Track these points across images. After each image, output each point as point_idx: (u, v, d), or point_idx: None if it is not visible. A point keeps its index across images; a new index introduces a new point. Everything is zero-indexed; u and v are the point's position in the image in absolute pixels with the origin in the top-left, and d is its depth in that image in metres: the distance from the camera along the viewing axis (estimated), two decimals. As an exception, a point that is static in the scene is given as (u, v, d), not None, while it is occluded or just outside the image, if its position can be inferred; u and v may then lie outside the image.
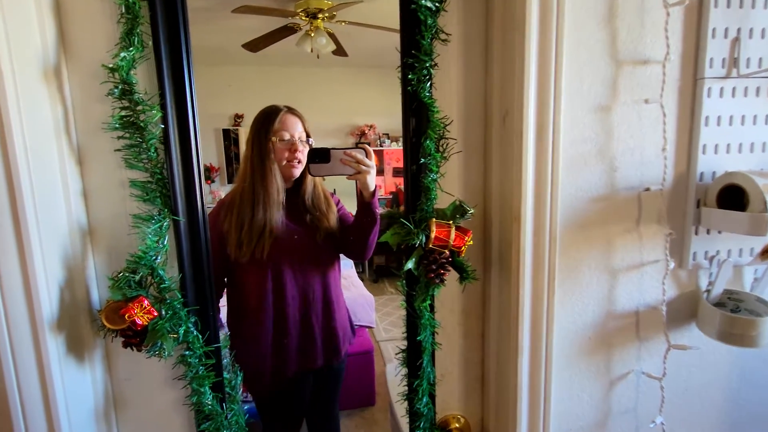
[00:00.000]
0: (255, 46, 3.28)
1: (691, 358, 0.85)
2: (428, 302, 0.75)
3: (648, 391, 0.85)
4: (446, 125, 0.73)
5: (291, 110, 1.33)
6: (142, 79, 0.69)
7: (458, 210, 0.72)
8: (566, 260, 0.77)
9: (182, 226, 0.72)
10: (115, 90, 0.66)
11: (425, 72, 0.71)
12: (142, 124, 0.67)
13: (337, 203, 1.46)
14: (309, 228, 1.33)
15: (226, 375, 0.80)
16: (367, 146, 0.97)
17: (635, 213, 0.78)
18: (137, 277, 0.68)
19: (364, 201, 1.23)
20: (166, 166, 0.70)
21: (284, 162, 1.29)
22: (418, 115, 0.73)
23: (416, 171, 0.75)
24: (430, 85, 0.72)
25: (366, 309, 2.72)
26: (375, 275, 4.76)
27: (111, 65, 0.64)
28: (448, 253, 0.72)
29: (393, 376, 1.78)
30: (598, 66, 0.72)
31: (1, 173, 0.62)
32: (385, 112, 5.05)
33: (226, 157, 4.87)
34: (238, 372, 0.84)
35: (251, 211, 1.27)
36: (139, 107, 0.67)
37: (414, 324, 0.77)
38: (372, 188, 1.17)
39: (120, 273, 0.67)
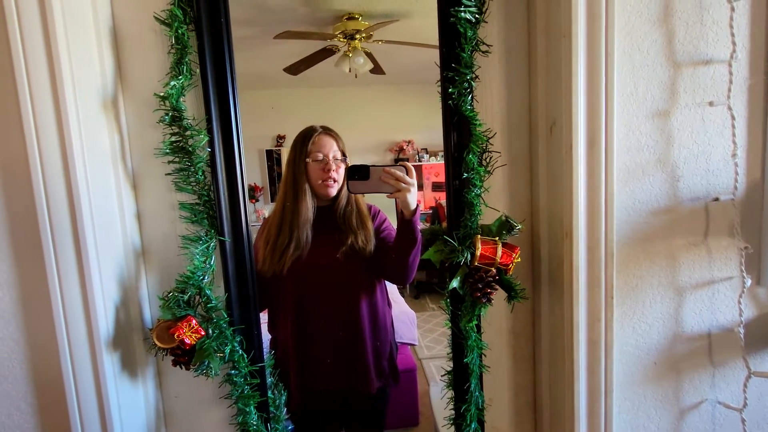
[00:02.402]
0: (296, 69, 3.40)
1: (776, 388, 0.76)
2: (474, 322, 0.72)
3: (726, 423, 0.76)
4: (489, 138, 0.71)
5: (326, 131, 1.35)
6: (191, 105, 0.72)
7: (504, 226, 0.69)
8: (625, 277, 0.71)
9: (228, 246, 0.73)
10: (166, 117, 0.69)
11: (466, 85, 0.69)
12: (190, 149, 0.70)
13: (383, 221, 1.44)
14: (335, 246, 1.32)
15: (270, 395, 0.80)
16: (407, 163, 0.95)
17: (702, 225, 0.71)
18: (186, 297, 0.69)
19: (405, 219, 1.20)
20: (213, 188, 0.72)
21: (319, 182, 1.31)
22: (459, 128, 0.71)
23: (459, 186, 0.72)
24: (472, 98, 0.70)
25: (408, 326, 2.67)
26: (416, 291, 4.69)
27: (162, 93, 0.67)
28: (494, 271, 0.68)
29: (438, 398, 1.72)
30: (654, 69, 0.67)
31: (64, 198, 0.66)
32: (422, 128, 5.04)
33: (269, 176, 5.05)
34: (282, 391, 0.84)
35: (277, 229, 1.29)
36: (188, 132, 0.69)
37: (460, 345, 0.74)
38: (413, 206, 1.14)
39: (170, 293, 0.69)
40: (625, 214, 0.70)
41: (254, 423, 0.73)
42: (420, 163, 5.13)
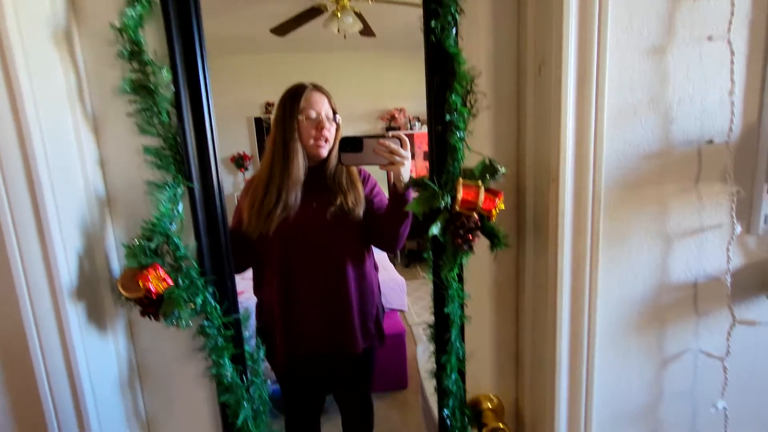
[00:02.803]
0: (283, 30, 3.27)
1: (760, 336, 0.75)
2: (456, 271, 0.69)
3: (707, 373, 0.76)
4: (474, 78, 0.66)
5: (317, 88, 1.29)
6: (152, 39, 0.66)
7: (488, 169, 0.65)
8: (612, 225, 0.69)
9: (197, 193, 0.69)
10: (124, 51, 0.63)
11: (450, 18, 0.64)
12: (152, 87, 0.65)
13: (374, 187, 1.40)
14: (324, 207, 1.28)
15: (247, 348, 0.78)
16: (402, 135, 0.91)
17: (694, 170, 0.68)
18: (153, 245, 0.66)
19: (397, 193, 1.17)
20: (179, 131, 0.67)
21: (311, 141, 1.25)
22: (442, 67, 0.66)
23: (441, 130, 0.68)
24: (456, 33, 0.65)
25: (397, 292, 2.69)
26: (407, 260, 4.72)
27: (118, 24, 0.62)
28: (476, 217, 0.65)
29: (423, 356, 1.74)
30: (652, 0, 0.63)
31: (14, 141, 0.61)
32: (414, 95, 4.94)
33: (259, 145, 4.94)
34: (261, 346, 0.82)
35: (264, 190, 1.25)
36: (149, 68, 0.64)
37: (441, 296, 0.72)
38: (406, 180, 1.10)
39: (135, 240, 0.66)
40: (614, 159, 0.67)
41: (229, 375, 0.72)
42: (412, 132, 5.05)
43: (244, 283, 2.07)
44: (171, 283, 0.65)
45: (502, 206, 0.66)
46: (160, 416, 0.80)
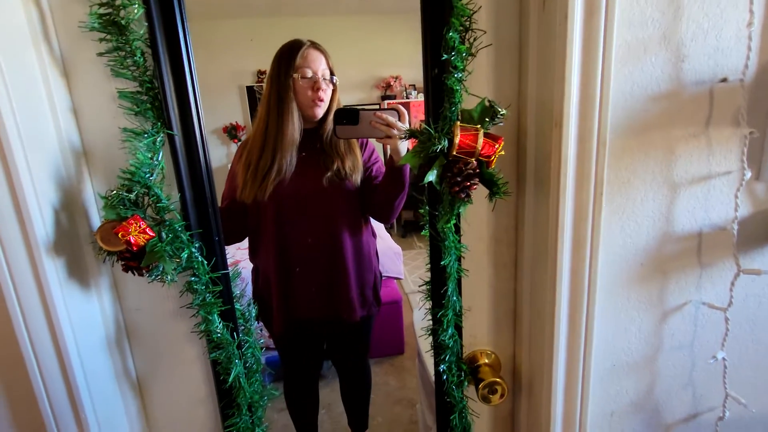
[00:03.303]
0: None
1: (761, 286, 0.73)
2: (453, 222, 0.66)
3: (707, 324, 0.75)
4: (474, 12, 0.61)
5: (314, 45, 1.22)
6: (120, -31, 0.60)
7: (487, 112, 0.61)
8: (617, 172, 0.66)
9: (178, 142, 0.65)
10: (89, -20, 0.57)
11: (447, -56, 0.59)
12: (122, 22, 0.59)
13: (372, 153, 1.35)
14: (320, 172, 1.24)
15: (239, 307, 0.76)
16: (400, 107, 0.85)
17: (705, 112, 0.64)
18: (132, 196, 0.62)
19: (394, 167, 1.12)
20: (156, 74, 0.62)
21: (306, 101, 1.19)
22: (438, 0, 0.61)
23: (438, 72, 0.64)
24: (453, -39, 0.59)
25: (394, 260, 2.68)
26: (404, 230, 4.71)
27: (80, -51, 0.56)
28: (475, 163, 0.62)
29: (419, 323, 1.74)
30: None
31: (-25, 81, 0.56)
32: (411, 63, 4.80)
33: (252, 115, 4.82)
34: (253, 303, 0.80)
35: (259, 152, 1.20)
36: (118, 2, 0.58)
37: (437, 249, 0.69)
38: (403, 153, 1.06)
39: (113, 191, 0.62)
40: (621, 100, 0.63)
41: (218, 331, 0.69)
42: (408, 100, 4.94)
43: (240, 252, 2.05)
44: (153, 235, 0.61)
45: (502, 152, 0.63)
46: (151, 375, 0.78)
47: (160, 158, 0.64)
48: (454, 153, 0.60)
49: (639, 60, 0.62)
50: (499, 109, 0.61)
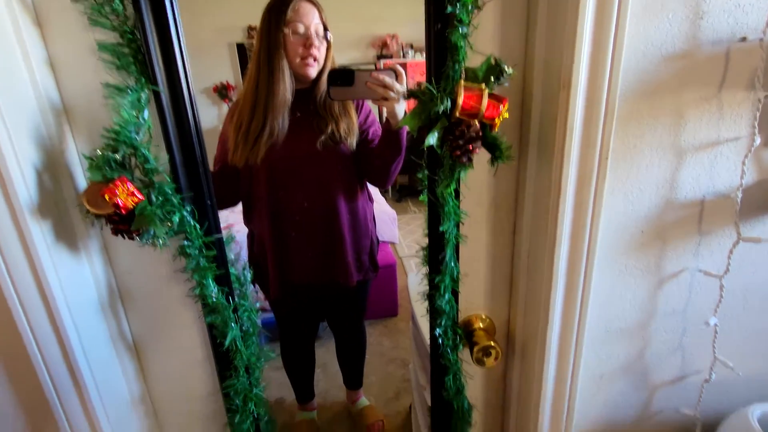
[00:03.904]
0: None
1: (758, 255, 0.74)
2: (453, 187, 0.64)
3: (701, 291, 0.75)
4: (480, -41, 0.56)
5: None
6: None
7: (493, 70, 0.58)
8: (623, 137, 0.64)
9: (164, 99, 0.61)
10: None
11: None
12: (97, -36, 0.54)
13: (368, 115, 1.30)
14: (314, 135, 1.19)
15: (233, 270, 0.75)
16: (398, 68, 0.80)
17: (719, 74, 0.62)
18: (118, 157, 0.59)
19: (391, 130, 1.07)
20: (137, 24, 0.58)
21: (297, 59, 1.13)
22: (443, -54, 0.56)
23: (441, 27, 0.60)
24: None
25: (389, 225, 2.67)
26: (398, 195, 4.70)
27: None
28: (478, 125, 0.59)
29: (416, 284, 1.76)
30: None
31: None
32: (408, 20, 4.60)
33: (242, 74, 4.64)
34: (249, 268, 0.79)
35: (250, 113, 1.15)
36: (91, -61, 0.53)
37: (436, 214, 0.67)
38: (401, 116, 1.01)
39: (98, 151, 0.59)
40: (633, 61, 0.60)
41: (213, 295, 0.69)
42: (405, 60, 4.78)
43: (234, 216, 2.03)
44: (141, 197, 0.59)
45: (506, 114, 0.60)
46: (147, 338, 0.78)
47: (145, 116, 0.60)
48: (457, 114, 0.57)
49: (655, 17, 0.58)
50: (506, 68, 0.57)
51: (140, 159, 0.60)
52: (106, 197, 0.56)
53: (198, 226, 0.66)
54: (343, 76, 0.77)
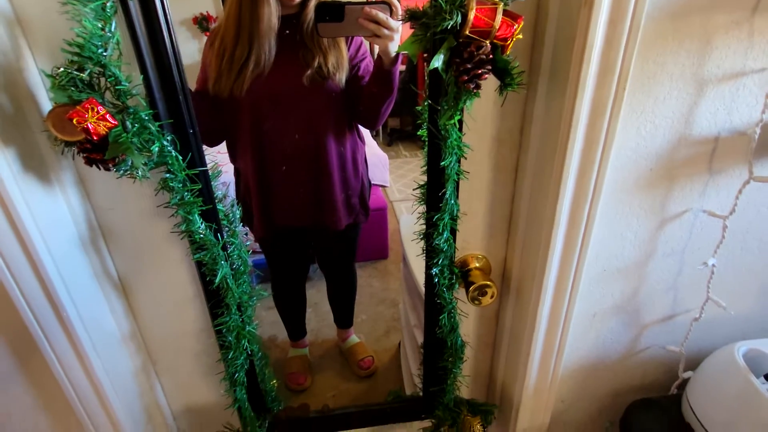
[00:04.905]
0: None
1: (763, 196, 0.72)
2: (457, 118, 0.60)
3: (702, 232, 0.74)
4: None
5: None
6: None
7: (509, -19, 0.51)
8: (643, 65, 0.58)
9: (134, 9, 0.54)
10: None
11: None
12: None
13: (359, 47, 1.19)
14: (301, 68, 1.10)
15: (221, 207, 0.71)
16: (393, 1, 0.70)
17: (755, -6, 0.56)
18: (85, 76, 0.52)
19: (383, 68, 0.99)
20: None
21: None
22: None
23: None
24: None
25: (380, 168, 2.61)
26: (389, 138, 4.58)
27: None
28: (489, 46, 0.53)
29: (408, 229, 1.75)
30: None
31: None
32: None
33: (224, 2, 4.30)
34: (237, 205, 0.75)
35: (234, 39, 1.05)
36: None
37: (437, 147, 0.63)
38: (393, 54, 0.92)
39: (61, 68, 0.52)
40: (664, -26, 0.53)
41: (201, 231, 0.65)
42: (398, -8, 4.45)
43: (221, 157, 1.94)
44: (114, 123, 0.53)
45: (520, 35, 0.54)
46: (134, 275, 0.76)
47: (113, 29, 0.53)
48: (467, 33, 0.51)
49: None
50: (523, -21, 0.51)
51: (110, 79, 0.54)
52: (74, 122, 0.50)
53: (180, 157, 0.61)
54: (332, 11, 0.69)
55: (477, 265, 0.81)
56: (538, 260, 0.73)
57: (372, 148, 2.82)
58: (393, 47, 0.89)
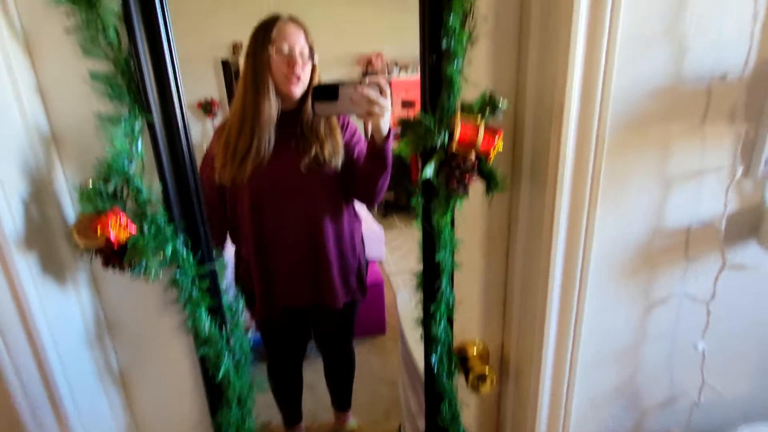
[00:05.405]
0: (248, -44, 2.94)
1: (742, 281, 0.76)
2: (449, 216, 0.65)
3: (688, 316, 0.77)
4: (475, -3, 0.58)
5: (293, 19, 1.16)
6: (89, -67, 0.54)
7: (488, 104, 0.59)
8: (613, 166, 0.65)
9: (158, 128, 0.61)
10: (54, -53, 0.51)
11: None
12: (93, -5, 0.53)
13: (354, 134, 1.31)
14: (299, 156, 1.20)
15: (225, 299, 0.73)
16: (382, 82, 0.81)
17: (701, 108, 0.64)
18: (110, 188, 0.58)
19: (376, 146, 1.09)
20: (131, 52, 0.57)
21: (282, 78, 1.14)
22: (438, -18, 0.58)
23: (436, 60, 0.61)
24: (456, -59, 0.56)
25: (375, 242, 2.67)
26: (384, 210, 4.70)
27: None
28: (474, 157, 0.60)
29: (405, 304, 1.75)
30: None
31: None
32: (393, 39, 4.66)
33: (228, 90, 4.62)
34: (241, 294, 0.77)
35: (238, 131, 1.16)
36: (87, -28, 0.53)
37: (431, 242, 0.68)
38: (385, 132, 1.02)
39: (89, 182, 0.57)
40: (621, 94, 0.62)
41: (206, 327, 0.67)
42: (389, 78, 4.83)
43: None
44: (134, 230, 0.58)
45: (501, 147, 0.61)
46: (135, 370, 0.76)
47: (139, 146, 0.59)
48: (454, 147, 0.58)
49: (642, 53, 0.60)
50: (500, 102, 0.59)
51: (133, 189, 0.59)
52: (98, 231, 0.55)
53: (191, 255, 0.65)
54: (327, 91, 0.77)
55: (475, 351, 0.82)
56: (534, 345, 0.74)
57: (368, 222, 2.90)
58: (384, 124, 0.97)
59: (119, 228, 0.56)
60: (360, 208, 3.03)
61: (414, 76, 4.77)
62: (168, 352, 0.74)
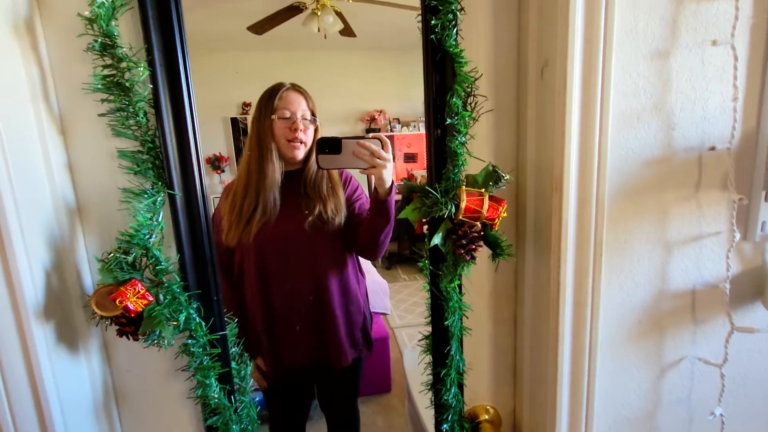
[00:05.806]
0: (260, 28, 3.17)
1: (754, 343, 0.76)
2: (456, 282, 0.66)
3: (703, 380, 0.76)
4: (476, 79, 0.63)
5: (295, 87, 1.24)
6: (127, 32, 0.60)
7: (491, 176, 0.63)
8: (614, 234, 0.67)
9: (179, 201, 0.64)
10: (95, 44, 0.57)
11: (450, 16, 0.61)
12: (127, 84, 0.59)
13: (356, 190, 1.35)
14: (303, 215, 1.23)
15: (234, 365, 0.73)
16: (383, 136, 0.86)
17: (694, 177, 0.67)
18: (130, 259, 0.60)
19: (379, 198, 1.13)
20: (158, 133, 0.62)
21: (284, 141, 1.21)
22: (442, 67, 0.63)
23: (440, 135, 0.65)
24: (456, 32, 0.62)
25: (380, 295, 2.65)
26: (388, 262, 4.69)
27: (88, 14, 0.56)
28: (479, 226, 0.63)
29: (412, 362, 1.71)
30: (657, 1, 0.61)
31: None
32: (395, 97, 4.91)
33: (236, 147, 4.81)
34: (248, 361, 0.77)
35: (243, 193, 1.21)
36: (123, 64, 0.58)
37: (440, 307, 0.69)
38: (388, 185, 1.06)
39: (110, 254, 0.60)
40: (617, 165, 0.65)
41: (216, 396, 0.67)
42: (392, 134, 5.02)
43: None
44: (151, 300, 0.59)
45: (505, 214, 0.64)
46: (139, 440, 0.74)
47: (160, 219, 0.62)
48: (460, 217, 0.61)
49: (633, 128, 0.65)
50: (503, 175, 0.62)
51: (151, 260, 0.62)
52: (117, 301, 0.57)
53: (204, 323, 0.66)
54: (331, 145, 0.81)
55: (487, 417, 0.81)
56: (548, 413, 0.73)
57: (372, 274, 2.89)
58: (387, 176, 1.00)
59: (137, 298, 0.58)
60: (364, 262, 3.04)
61: (416, 132, 4.96)
62: (174, 420, 0.73)
